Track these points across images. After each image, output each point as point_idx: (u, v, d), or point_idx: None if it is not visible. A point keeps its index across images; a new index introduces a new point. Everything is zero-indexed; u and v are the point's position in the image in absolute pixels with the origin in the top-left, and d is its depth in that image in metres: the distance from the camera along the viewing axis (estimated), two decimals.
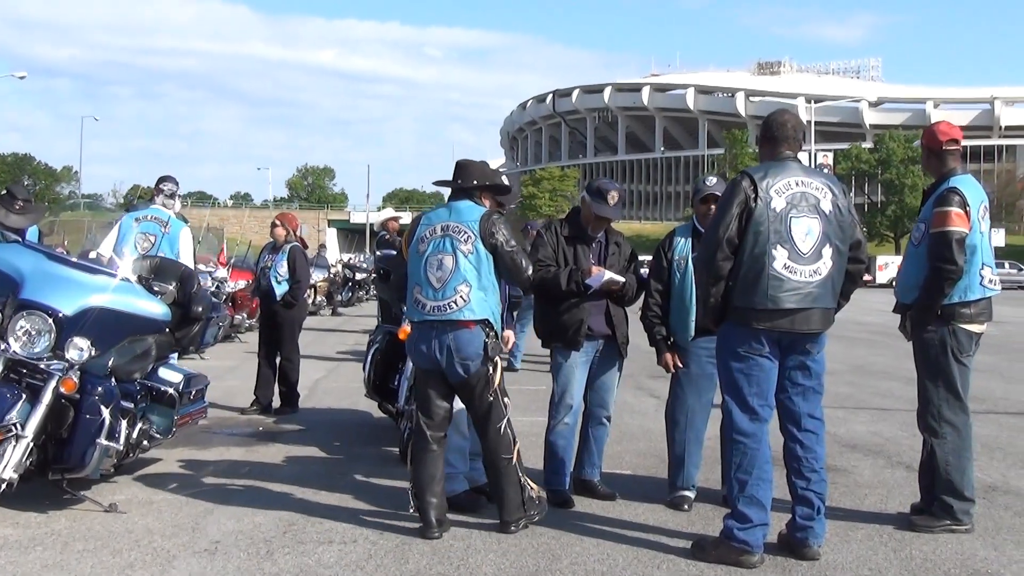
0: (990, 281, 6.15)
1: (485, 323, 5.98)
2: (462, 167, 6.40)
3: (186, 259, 8.57)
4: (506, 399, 6.14)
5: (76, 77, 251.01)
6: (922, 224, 6.18)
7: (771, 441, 5.58)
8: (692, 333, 6.64)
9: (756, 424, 5.50)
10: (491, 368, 6.02)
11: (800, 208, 5.41)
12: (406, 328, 8.38)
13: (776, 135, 5.65)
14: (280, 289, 10.82)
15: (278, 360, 10.87)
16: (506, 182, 6.60)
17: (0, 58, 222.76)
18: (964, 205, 6.01)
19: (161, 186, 9.91)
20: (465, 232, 6.02)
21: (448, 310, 5.94)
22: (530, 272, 6.18)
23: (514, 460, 6.04)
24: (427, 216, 6.29)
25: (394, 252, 13.94)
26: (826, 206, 5.44)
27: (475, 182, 6.26)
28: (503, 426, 6.04)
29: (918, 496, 6.46)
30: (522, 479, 6.06)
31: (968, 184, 6.15)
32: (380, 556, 5.57)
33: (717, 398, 6.76)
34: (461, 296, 5.93)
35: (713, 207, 6.39)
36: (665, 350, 6.76)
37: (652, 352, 6.96)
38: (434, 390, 6.13)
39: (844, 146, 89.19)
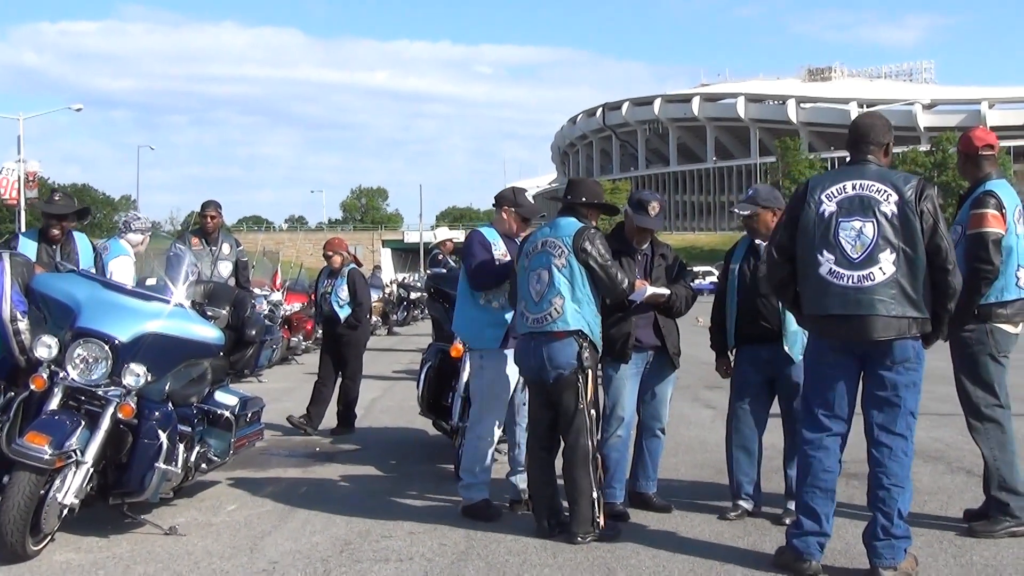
0: None
1: (579, 334, 6.16)
2: (572, 184, 6.73)
3: None
4: (592, 412, 6.21)
5: (134, 107, 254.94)
6: (959, 227, 6.14)
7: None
8: (732, 341, 6.77)
9: (817, 434, 5.44)
10: (581, 378, 6.15)
11: (852, 212, 5.29)
12: (458, 346, 8.48)
13: (852, 139, 5.58)
14: (343, 312, 10.97)
15: (338, 381, 10.99)
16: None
17: (60, 91, 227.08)
18: (1000, 207, 6.03)
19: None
20: (560, 247, 6.26)
21: (544, 322, 6.21)
22: (625, 286, 6.30)
23: (590, 474, 6.11)
24: (534, 233, 6.58)
25: (444, 271, 14.01)
26: (888, 208, 5.24)
27: (583, 199, 6.50)
28: (584, 439, 6.15)
29: (978, 502, 6.39)
30: (596, 494, 6.11)
31: (1004, 188, 6.16)
32: (436, 573, 5.59)
33: (774, 408, 6.78)
34: (555, 308, 6.18)
35: (753, 224, 6.76)
36: (719, 356, 6.97)
37: (706, 363, 7.03)
38: (537, 399, 6.43)
39: (899, 150, 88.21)
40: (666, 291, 6.67)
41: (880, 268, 5.22)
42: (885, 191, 5.28)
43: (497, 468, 7.25)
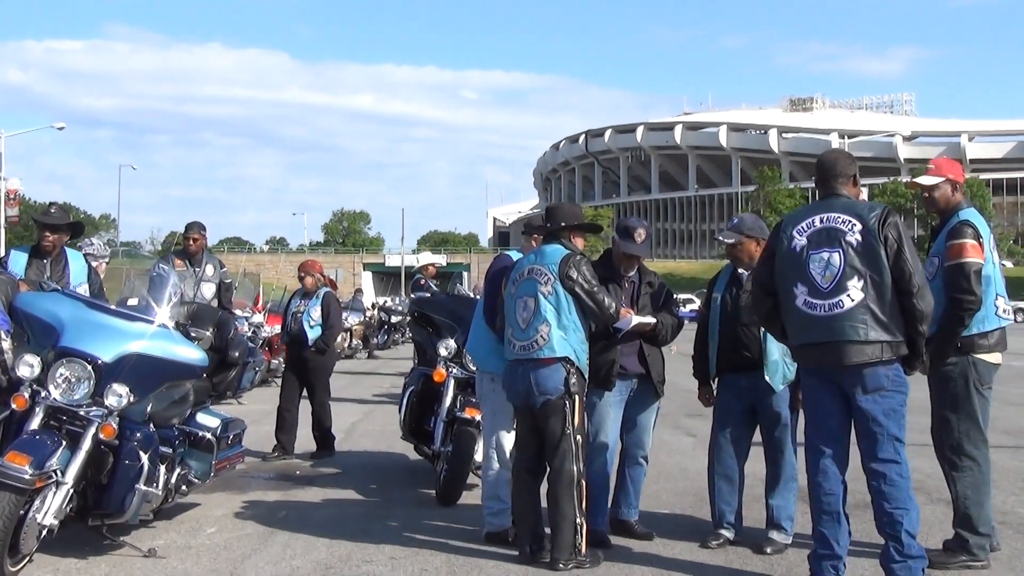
0: (1004, 311, 6.19)
1: (566, 360, 6.17)
2: (551, 211, 6.73)
3: None
4: (579, 437, 6.20)
5: (117, 126, 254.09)
6: (935, 258, 6.16)
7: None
8: (714, 370, 6.77)
9: (817, 460, 5.56)
10: (568, 403, 6.16)
11: (820, 244, 5.45)
12: (441, 370, 8.48)
13: (820, 176, 5.74)
14: (313, 334, 10.86)
15: (307, 406, 10.90)
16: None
17: (45, 108, 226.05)
18: (978, 237, 6.05)
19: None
20: (545, 274, 6.28)
21: (531, 349, 6.22)
22: (612, 311, 6.33)
23: (574, 499, 6.10)
24: (520, 261, 6.60)
25: (428, 295, 14.00)
26: (852, 238, 5.39)
27: (562, 224, 6.51)
28: (569, 464, 6.14)
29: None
30: (579, 520, 6.09)
31: (977, 217, 6.20)
32: None
33: (756, 437, 6.78)
34: (541, 336, 6.19)
35: (737, 252, 6.79)
36: (702, 385, 6.95)
37: (688, 391, 7.03)
38: (524, 425, 6.42)
39: (879, 181, 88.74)
40: (652, 320, 6.69)
41: (848, 295, 5.35)
42: (850, 221, 5.44)
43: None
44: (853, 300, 5.34)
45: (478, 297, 8.00)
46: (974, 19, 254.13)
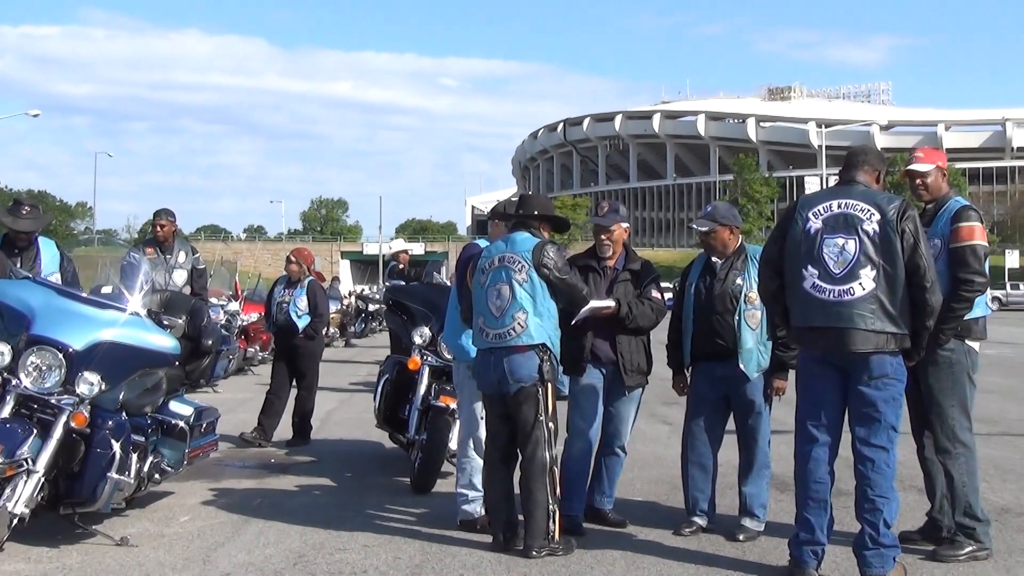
0: (990, 300, 6.28)
1: (541, 347, 6.20)
2: (524, 199, 6.76)
3: None
4: (551, 424, 6.21)
5: (94, 113, 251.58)
6: (937, 240, 6.00)
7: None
8: (688, 359, 6.76)
9: (808, 446, 5.60)
10: (541, 390, 6.17)
11: (836, 229, 5.45)
12: (416, 359, 8.46)
13: (846, 163, 5.79)
14: (301, 323, 10.88)
15: (294, 392, 10.93)
16: None
17: (20, 96, 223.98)
18: (981, 221, 6.08)
19: None
20: (519, 262, 6.28)
21: (507, 337, 6.22)
22: (585, 293, 6.38)
23: (547, 486, 6.11)
24: (487, 249, 6.58)
25: (403, 283, 13.98)
26: (869, 227, 5.40)
27: (535, 212, 6.56)
28: (542, 451, 6.14)
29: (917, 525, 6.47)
30: (552, 507, 6.10)
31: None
32: None
33: (729, 425, 6.80)
34: (519, 323, 6.19)
35: (711, 240, 6.78)
36: (676, 374, 6.94)
37: (663, 379, 7.06)
38: (496, 413, 6.40)
39: None
40: (610, 303, 6.65)
41: (860, 283, 5.37)
42: (868, 210, 5.45)
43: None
44: (864, 289, 5.36)
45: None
46: (952, 8, 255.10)
